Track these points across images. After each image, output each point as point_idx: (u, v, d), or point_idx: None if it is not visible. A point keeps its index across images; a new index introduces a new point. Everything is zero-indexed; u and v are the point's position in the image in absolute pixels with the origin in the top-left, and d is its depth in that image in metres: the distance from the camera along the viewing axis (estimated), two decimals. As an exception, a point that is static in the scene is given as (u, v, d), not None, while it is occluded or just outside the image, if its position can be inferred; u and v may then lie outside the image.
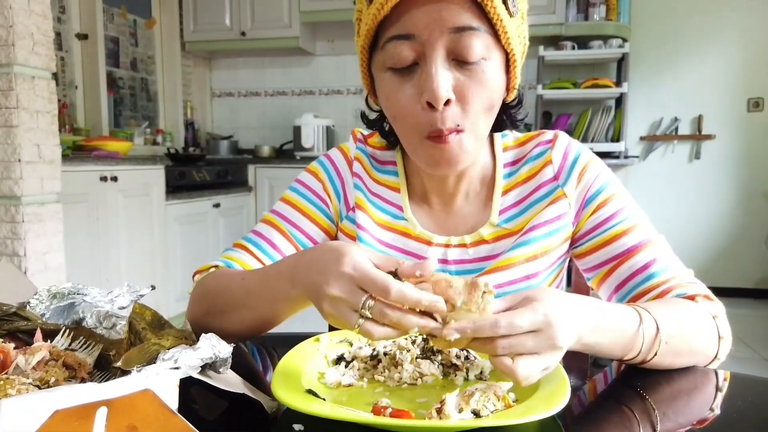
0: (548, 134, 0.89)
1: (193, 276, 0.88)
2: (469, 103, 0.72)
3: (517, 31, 0.74)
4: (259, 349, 0.82)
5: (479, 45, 0.70)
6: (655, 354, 0.66)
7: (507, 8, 0.70)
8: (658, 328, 0.66)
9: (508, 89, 0.79)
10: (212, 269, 0.86)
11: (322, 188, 0.92)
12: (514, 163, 0.89)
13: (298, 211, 0.91)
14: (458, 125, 0.72)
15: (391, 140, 0.89)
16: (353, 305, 0.55)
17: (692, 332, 0.70)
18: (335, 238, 0.94)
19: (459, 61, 0.71)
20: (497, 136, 0.90)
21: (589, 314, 0.61)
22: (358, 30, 0.78)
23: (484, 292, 0.55)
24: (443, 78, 0.69)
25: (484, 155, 0.88)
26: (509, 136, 0.91)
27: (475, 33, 0.69)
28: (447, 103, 0.70)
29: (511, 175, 0.88)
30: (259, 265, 0.87)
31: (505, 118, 0.84)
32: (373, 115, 0.90)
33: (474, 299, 0.55)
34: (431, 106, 0.70)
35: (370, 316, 0.54)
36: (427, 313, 0.55)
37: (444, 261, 0.86)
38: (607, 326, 0.63)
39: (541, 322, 0.54)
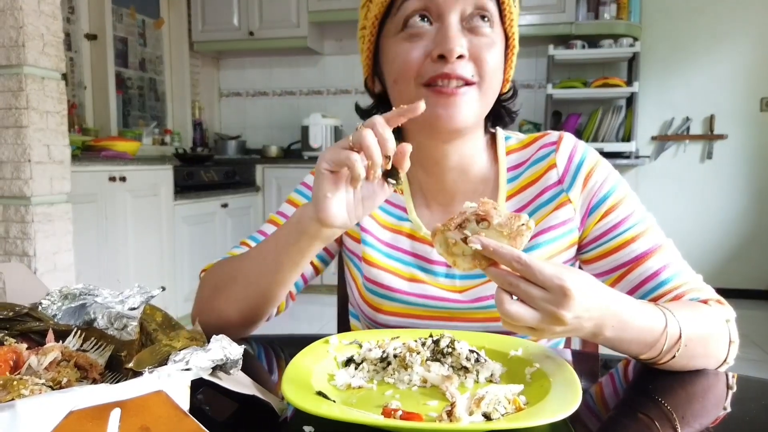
0: (553, 135, 0.87)
1: (200, 274, 0.89)
2: (483, 60, 0.75)
3: (516, 23, 0.80)
4: (267, 350, 0.82)
5: (490, 12, 0.76)
6: (673, 357, 0.66)
7: None
8: (681, 331, 0.65)
9: (503, 80, 0.82)
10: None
11: None
12: (517, 166, 0.87)
13: None
14: (473, 76, 0.75)
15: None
16: (345, 144, 0.62)
17: (709, 336, 0.70)
18: (340, 241, 0.94)
19: (471, 27, 0.75)
20: (500, 138, 0.89)
21: (617, 309, 0.61)
22: (368, 7, 0.81)
23: (523, 224, 0.57)
24: (458, 34, 0.74)
25: (486, 157, 0.87)
26: (513, 139, 0.90)
27: (486, 2, 0.75)
28: (460, 57, 0.74)
29: (515, 179, 0.87)
30: None
31: (502, 110, 0.87)
32: (368, 103, 0.91)
33: (510, 224, 0.57)
34: (442, 58, 0.74)
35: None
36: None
37: (448, 264, 0.85)
38: (634, 324, 0.62)
39: (558, 286, 0.54)
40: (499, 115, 0.87)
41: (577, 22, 3.94)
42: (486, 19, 0.75)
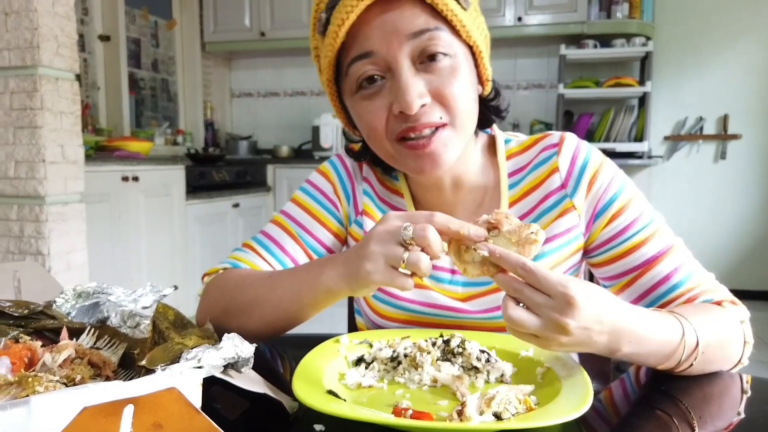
0: (554, 137, 0.84)
1: (202, 278, 0.88)
2: (447, 97, 0.71)
3: (475, 24, 0.74)
4: (277, 349, 0.82)
5: (441, 43, 0.70)
6: (691, 365, 0.65)
7: (459, 2, 0.71)
8: (698, 340, 0.64)
9: (481, 83, 0.78)
10: (221, 271, 0.85)
11: (333, 190, 0.92)
12: (518, 171, 0.85)
13: (308, 213, 0.90)
14: (441, 118, 0.72)
15: (384, 165, 0.87)
16: (395, 237, 0.59)
17: (725, 341, 0.69)
18: (345, 241, 0.93)
19: (425, 63, 0.71)
20: (500, 143, 0.87)
21: (633, 324, 0.59)
22: (320, 66, 0.78)
23: (532, 233, 0.58)
24: (413, 85, 0.69)
25: (483, 164, 0.86)
26: (513, 142, 0.88)
27: (433, 33, 0.70)
28: (422, 107, 0.70)
29: (517, 184, 0.85)
30: (267, 266, 0.86)
31: (489, 112, 0.83)
32: (356, 146, 0.90)
33: (518, 232, 0.58)
34: (404, 114, 0.70)
35: (412, 242, 0.58)
36: None
37: (453, 271, 0.85)
38: (652, 338, 0.61)
39: (561, 293, 0.54)
40: (485, 117, 0.83)
41: (589, 21, 3.92)
42: (437, 45, 0.70)
